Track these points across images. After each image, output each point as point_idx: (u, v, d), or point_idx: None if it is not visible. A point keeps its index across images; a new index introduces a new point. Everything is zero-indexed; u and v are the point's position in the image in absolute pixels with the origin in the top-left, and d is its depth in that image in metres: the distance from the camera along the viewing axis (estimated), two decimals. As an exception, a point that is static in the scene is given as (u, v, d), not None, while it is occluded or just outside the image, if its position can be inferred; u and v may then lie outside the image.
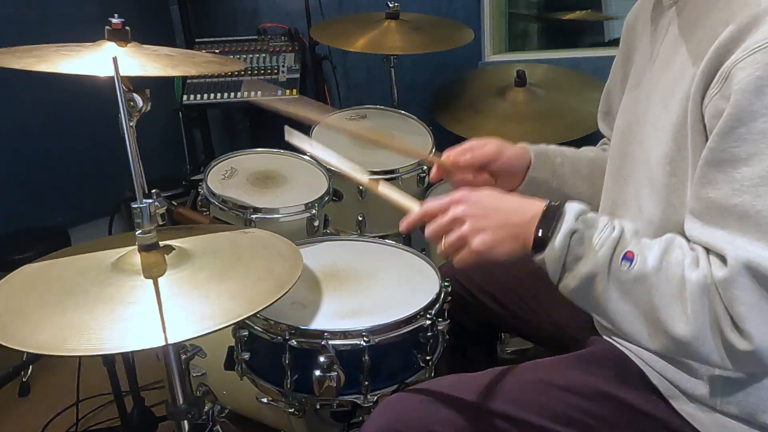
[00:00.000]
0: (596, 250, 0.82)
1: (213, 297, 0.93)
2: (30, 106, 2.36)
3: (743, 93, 0.74)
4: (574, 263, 0.84)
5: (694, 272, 0.78)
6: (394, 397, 1.01)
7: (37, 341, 0.83)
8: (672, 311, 0.78)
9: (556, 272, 0.85)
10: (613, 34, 2.50)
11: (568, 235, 0.84)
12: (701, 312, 0.77)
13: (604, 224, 0.85)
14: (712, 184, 0.78)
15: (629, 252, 0.81)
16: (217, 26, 2.77)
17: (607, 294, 0.82)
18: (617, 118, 1.07)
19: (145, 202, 0.97)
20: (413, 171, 1.79)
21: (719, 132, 0.77)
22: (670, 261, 0.80)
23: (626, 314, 0.82)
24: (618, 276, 0.81)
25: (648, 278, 0.80)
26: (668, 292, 0.78)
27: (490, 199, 0.91)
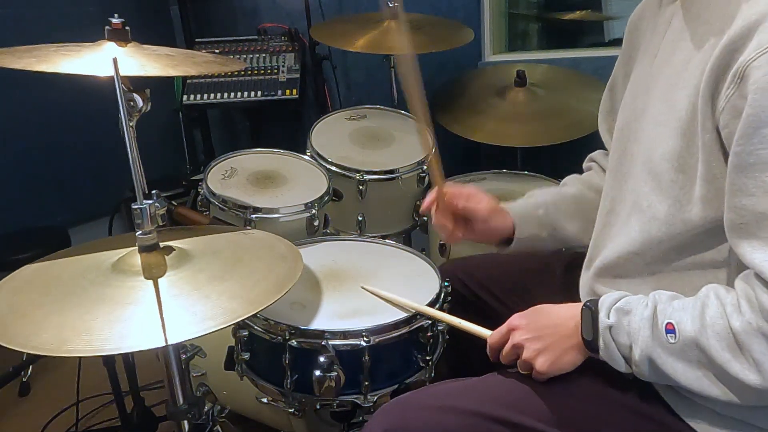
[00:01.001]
0: (637, 334, 0.85)
1: (213, 297, 0.93)
2: (30, 106, 2.36)
3: (762, 92, 0.73)
4: (628, 351, 0.87)
5: (738, 320, 0.78)
6: (396, 402, 1.00)
7: (38, 342, 0.83)
8: (736, 365, 0.78)
9: (621, 366, 0.89)
10: (613, 34, 2.50)
11: (607, 331, 0.88)
12: (764, 355, 0.76)
13: (637, 305, 0.87)
14: (743, 191, 0.78)
15: (669, 324, 0.83)
16: (217, 26, 2.77)
17: (673, 368, 0.84)
18: (618, 116, 1.07)
19: (145, 203, 0.97)
20: (413, 171, 1.79)
21: (742, 135, 0.76)
22: (710, 316, 0.80)
23: (702, 380, 0.82)
24: (670, 349, 0.83)
25: (697, 341, 0.81)
26: (722, 347, 0.79)
27: (539, 319, 0.98)
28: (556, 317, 0.96)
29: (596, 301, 0.91)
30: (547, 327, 0.96)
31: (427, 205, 1.20)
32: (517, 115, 2.11)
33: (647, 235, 0.92)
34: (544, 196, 1.24)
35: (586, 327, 0.91)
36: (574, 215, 1.21)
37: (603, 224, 1.05)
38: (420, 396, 1.01)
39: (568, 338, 0.93)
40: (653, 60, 0.97)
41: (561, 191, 1.26)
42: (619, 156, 1.03)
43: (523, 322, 0.98)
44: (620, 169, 1.02)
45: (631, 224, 0.96)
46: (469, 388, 1.00)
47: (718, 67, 0.79)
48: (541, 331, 0.95)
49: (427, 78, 2.48)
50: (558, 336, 0.94)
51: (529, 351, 0.95)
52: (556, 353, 0.94)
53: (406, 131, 1.95)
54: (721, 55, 0.78)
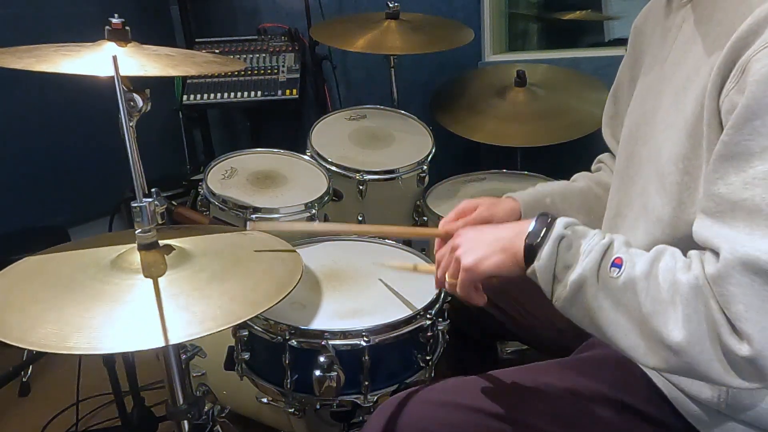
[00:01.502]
0: (585, 255, 0.82)
1: (213, 297, 0.93)
2: (30, 106, 2.36)
3: (758, 85, 0.72)
4: (564, 271, 0.83)
5: (685, 275, 0.76)
6: (393, 400, 1.01)
7: (37, 338, 0.83)
8: (664, 317, 0.75)
9: (548, 283, 0.85)
10: (613, 34, 2.50)
11: (557, 240, 0.84)
12: (695, 314, 0.73)
13: (594, 233, 0.85)
14: (723, 179, 0.76)
15: (618, 258, 0.80)
16: (217, 26, 2.77)
17: (598, 303, 0.80)
18: (626, 120, 1.07)
19: (144, 201, 0.97)
20: (413, 171, 1.79)
21: (733, 125, 0.74)
22: (660, 266, 0.78)
23: (620, 326, 0.79)
24: (607, 283, 0.80)
25: (637, 283, 0.78)
26: (659, 297, 0.76)
27: (485, 228, 0.96)
28: (503, 227, 0.94)
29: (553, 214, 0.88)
30: (488, 229, 0.94)
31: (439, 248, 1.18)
32: (517, 115, 2.11)
33: (652, 237, 0.91)
34: (553, 187, 1.23)
35: (535, 232, 0.86)
36: (580, 208, 1.20)
37: (609, 227, 1.05)
38: (420, 392, 1.01)
39: (505, 240, 0.90)
40: (663, 64, 0.97)
41: (569, 184, 1.25)
42: (627, 159, 1.02)
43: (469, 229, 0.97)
44: (627, 173, 1.01)
45: (638, 228, 0.95)
46: (469, 385, 1.00)
47: (725, 64, 0.78)
48: (480, 233, 0.94)
49: (427, 78, 2.52)
50: (495, 238, 0.91)
51: (461, 250, 0.93)
52: (485, 252, 0.90)
53: (406, 131, 1.95)
54: (729, 52, 0.77)
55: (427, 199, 1.83)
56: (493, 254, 0.90)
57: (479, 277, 0.91)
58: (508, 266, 0.89)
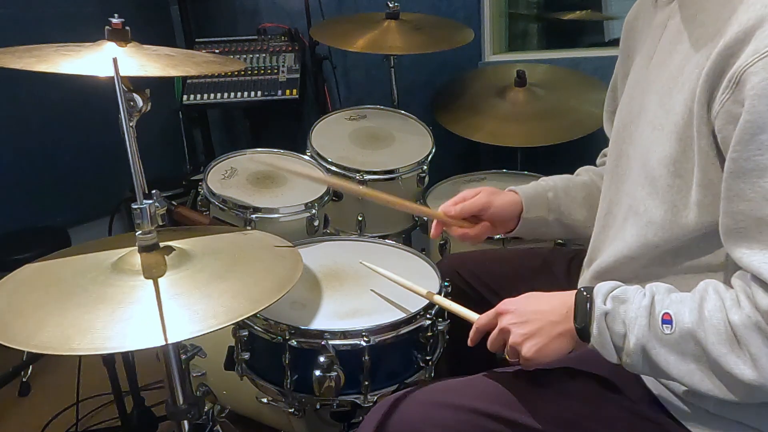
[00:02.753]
0: (633, 323, 0.83)
1: (213, 297, 0.93)
2: (30, 106, 2.36)
3: (759, 98, 0.73)
4: (621, 341, 0.85)
5: (736, 314, 0.77)
6: (391, 399, 1.01)
7: (40, 341, 0.83)
8: (733, 359, 0.77)
9: (612, 355, 0.86)
10: (613, 34, 2.50)
11: (602, 318, 0.86)
12: (759, 352, 0.75)
13: (634, 294, 0.86)
14: (740, 197, 0.77)
15: (666, 314, 0.82)
16: (217, 26, 2.77)
17: (666, 359, 0.82)
18: (615, 117, 1.07)
19: (145, 203, 0.97)
20: (413, 171, 1.79)
21: (739, 141, 0.75)
22: (709, 309, 0.79)
23: (694, 374, 0.81)
24: (665, 340, 0.81)
25: (694, 333, 0.79)
26: (719, 341, 0.78)
27: (529, 305, 0.95)
28: (546, 303, 0.94)
29: (591, 288, 0.90)
30: (537, 312, 0.93)
31: (435, 233, 1.20)
32: (517, 115, 2.11)
33: (643, 239, 0.92)
34: (555, 180, 1.24)
35: (579, 313, 0.88)
36: (583, 202, 1.20)
37: (602, 226, 1.05)
38: (417, 392, 1.01)
39: (557, 324, 0.91)
40: (649, 62, 0.97)
41: (572, 178, 1.25)
42: (616, 158, 1.02)
43: (512, 307, 0.95)
44: (617, 171, 1.02)
45: (627, 228, 0.95)
46: (466, 385, 1.00)
47: (714, 71, 0.78)
48: (530, 316, 0.93)
49: (427, 78, 2.51)
50: (546, 321, 0.91)
51: (516, 336, 0.93)
52: (543, 339, 0.91)
53: (406, 131, 1.95)
54: (718, 59, 0.78)
55: (427, 199, 1.83)
56: (551, 341, 0.91)
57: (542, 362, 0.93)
58: (569, 348, 0.92)
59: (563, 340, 0.91)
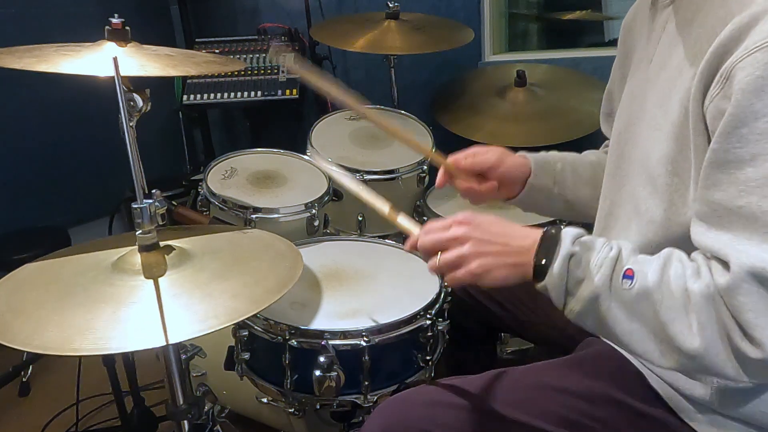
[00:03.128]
0: (596, 270, 0.82)
1: (213, 297, 0.93)
2: (30, 106, 2.36)
3: (744, 93, 0.73)
4: (576, 286, 0.84)
5: (696, 283, 0.77)
6: (393, 399, 1.01)
7: (40, 341, 0.83)
8: (680, 325, 0.77)
9: (560, 298, 0.85)
10: (613, 34, 2.51)
11: (566, 258, 0.84)
12: (708, 323, 0.76)
13: (602, 245, 0.85)
14: (716, 186, 0.78)
15: (629, 270, 0.81)
16: (217, 26, 2.77)
17: (612, 314, 0.81)
18: (615, 120, 1.07)
19: (145, 203, 0.97)
20: (413, 171, 1.79)
21: (722, 133, 0.76)
22: (671, 274, 0.79)
23: (635, 334, 0.81)
24: (621, 295, 0.81)
25: (651, 294, 0.79)
26: (673, 306, 0.78)
27: (493, 225, 0.91)
28: (511, 230, 0.91)
29: (559, 228, 0.88)
30: (500, 235, 0.90)
31: (440, 181, 1.16)
32: (517, 115, 2.11)
33: (644, 238, 0.92)
34: (565, 155, 1.22)
35: (543, 250, 0.86)
36: (588, 181, 1.19)
37: (603, 227, 1.05)
38: (418, 392, 1.01)
39: (515, 254, 0.88)
40: (649, 65, 0.97)
41: (581, 156, 1.24)
42: (617, 159, 1.03)
43: (474, 220, 0.91)
44: (618, 173, 1.02)
45: (630, 228, 0.95)
46: (467, 384, 1.00)
47: (708, 69, 0.79)
48: (492, 236, 0.89)
49: (427, 78, 2.51)
50: (506, 249, 0.88)
51: (470, 249, 0.88)
52: (495, 262, 0.88)
53: (406, 131, 1.95)
54: (712, 57, 0.78)
55: (427, 199, 1.83)
56: (501, 267, 0.88)
57: (481, 283, 0.89)
58: (515, 280, 0.89)
59: (512, 271, 0.88)
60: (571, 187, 1.19)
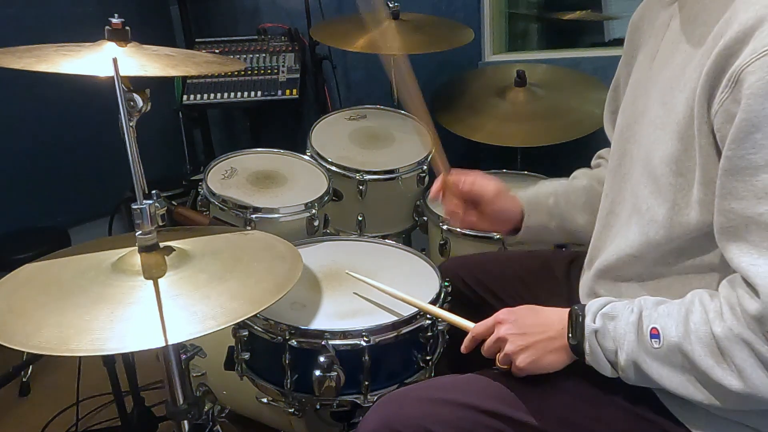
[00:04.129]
0: (623, 339, 0.86)
1: (213, 297, 0.93)
2: (30, 107, 2.36)
3: (755, 98, 0.73)
4: (614, 357, 0.88)
5: (719, 326, 0.78)
6: (392, 395, 1.01)
7: (39, 341, 0.83)
8: (719, 371, 0.79)
9: (607, 370, 0.90)
10: (613, 34, 2.50)
11: (593, 336, 0.89)
12: (744, 362, 0.77)
13: (622, 311, 0.88)
14: (733, 195, 0.78)
15: (653, 329, 0.84)
16: (217, 26, 2.76)
17: (658, 372, 0.84)
18: (618, 117, 1.08)
19: (145, 203, 0.97)
20: (413, 171, 1.79)
21: (734, 139, 0.76)
22: (695, 322, 0.81)
23: (687, 385, 0.83)
24: (655, 354, 0.84)
25: (681, 347, 0.81)
26: (705, 353, 0.79)
27: (527, 317, 0.98)
28: (544, 318, 0.97)
29: (583, 306, 0.92)
30: (534, 326, 0.96)
31: (435, 192, 1.20)
32: (517, 115, 2.11)
33: (645, 237, 0.92)
34: (555, 186, 1.25)
35: (572, 331, 0.92)
36: (583, 207, 1.21)
37: (603, 225, 1.05)
38: (416, 389, 1.02)
39: (553, 340, 0.94)
40: (652, 62, 0.97)
41: (572, 183, 1.26)
42: (620, 157, 1.03)
43: (510, 318, 0.98)
44: (620, 170, 1.02)
45: (631, 227, 0.96)
46: (467, 382, 1.00)
47: (714, 71, 0.79)
48: (528, 328, 0.96)
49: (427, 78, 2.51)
50: (543, 336, 0.95)
51: (513, 345, 0.95)
52: (538, 352, 0.94)
53: (406, 131, 1.95)
54: (718, 59, 0.78)
55: (427, 199, 1.83)
56: (546, 355, 0.94)
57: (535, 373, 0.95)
58: (564, 362, 0.95)
59: (558, 355, 0.94)
60: (568, 218, 1.22)
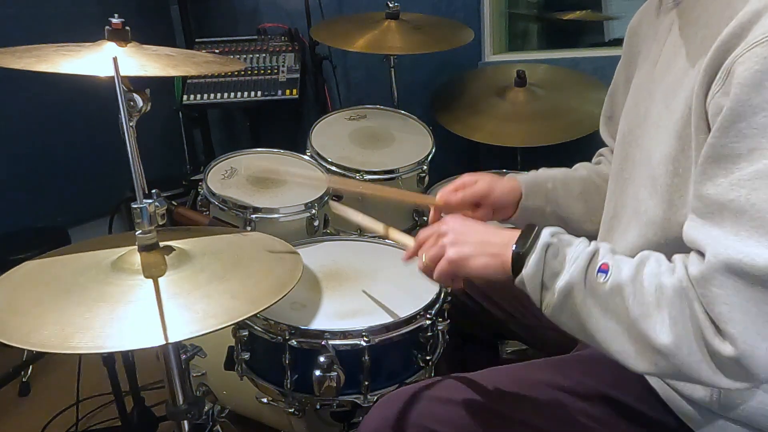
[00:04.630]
0: (571, 262, 0.82)
1: (213, 297, 0.93)
2: (30, 106, 2.36)
3: (742, 87, 0.73)
4: (552, 279, 0.84)
5: (669, 278, 0.77)
6: (392, 395, 1.01)
7: (39, 339, 0.83)
8: (651, 321, 0.76)
9: (536, 291, 0.85)
10: (613, 34, 2.50)
11: (544, 248, 0.85)
12: (680, 317, 0.75)
13: (580, 240, 0.86)
14: (711, 180, 0.77)
15: (604, 264, 0.81)
16: (217, 26, 2.77)
17: (587, 310, 0.81)
18: (620, 122, 1.07)
19: (145, 203, 0.97)
20: (413, 171, 1.79)
21: (719, 127, 0.75)
22: (646, 271, 0.79)
23: (610, 331, 0.80)
24: (595, 289, 0.81)
25: (624, 288, 0.79)
26: (645, 301, 0.77)
27: (476, 223, 0.96)
28: (492, 229, 0.94)
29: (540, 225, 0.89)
30: (479, 230, 0.94)
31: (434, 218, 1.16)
32: (517, 115, 2.11)
33: (644, 239, 0.92)
34: (555, 172, 1.24)
35: (522, 240, 0.87)
36: (579, 197, 1.20)
37: (606, 229, 1.05)
38: (415, 389, 1.01)
39: (493, 245, 0.90)
40: (654, 67, 0.97)
41: (571, 171, 1.25)
42: (622, 161, 1.02)
43: (458, 219, 0.96)
44: (622, 175, 1.02)
45: (630, 230, 0.95)
46: (466, 382, 1.00)
47: (711, 66, 0.78)
48: (469, 228, 0.94)
49: (427, 78, 2.52)
50: (484, 239, 0.92)
51: (448, 239, 0.93)
52: (473, 251, 0.91)
53: (406, 131, 1.95)
54: (715, 54, 0.78)
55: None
56: (480, 255, 0.90)
57: (462, 272, 0.92)
58: (493, 271, 0.90)
59: (491, 260, 0.89)
60: (564, 205, 1.20)
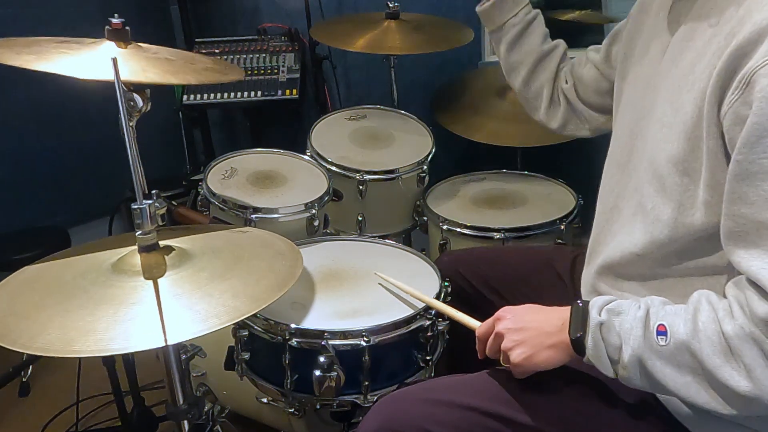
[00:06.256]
0: (628, 334, 0.83)
1: (214, 297, 0.93)
2: (29, 106, 2.36)
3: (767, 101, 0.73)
4: (616, 353, 0.84)
5: (729, 325, 0.77)
6: (391, 396, 1.01)
7: (42, 343, 0.83)
8: (727, 370, 0.77)
9: (608, 368, 0.86)
10: (612, 34, 2.50)
11: (597, 329, 0.85)
12: (754, 362, 0.75)
13: (629, 306, 0.86)
14: (743, 200, 0.77)
15: (660, 326, 0.82)
16: (217, 26, 2.76)
17: (661, 372, 0.82)
18: (624, 113, 1.07)
19: (145, 203, 0.97)
20: (413, 171, 1.79)
21: (745, 143, 0.75)
22: (703, 321, 0.79)
23: (691, 386, 0.81)
24: (661, 352, 0.81)
25: (688, 345, 0.79)
26: (714, 352, 0.77)
27: (526, 313, 0.96)
28: (543, 314, 0.95)
29: (587, 301, 0.90)
30: (532, 321, 0.94)
31: None
32: (517, 115, 2.09)
33: (650, 237, 0.92)
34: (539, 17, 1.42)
35: (575, 324, 0.88)
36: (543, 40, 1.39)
37: (606, 219, 1.05)
38: (415, 390, 1.02)
39: (550, 335, 0.91)
40: (661, 58, 0.97)
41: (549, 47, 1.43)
42: (627, 153, 1.02)
43: (509, 314, 0.97)
44: (627, 166, 1.01)
45: (635, 224, 0.95)
46: (463, 383, 1.00)
47: (725, 71, 0.78)
48: (525, 323, 0.94)
49: (427, 78, 2.51)
50: (540, 331, 0.92)
51: (508, 341, 0.94)
52: (533, 348, 0.92)
53: (406, 131, 1.95)
54: (729, 60, 0.77)
55: (427, 199, 1.83)
56: (542, 351, 0.92)
57: (531, 370, 0.94)
58: (559, 361, 0.92)
59: (554, 352, 0.91)
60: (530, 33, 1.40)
